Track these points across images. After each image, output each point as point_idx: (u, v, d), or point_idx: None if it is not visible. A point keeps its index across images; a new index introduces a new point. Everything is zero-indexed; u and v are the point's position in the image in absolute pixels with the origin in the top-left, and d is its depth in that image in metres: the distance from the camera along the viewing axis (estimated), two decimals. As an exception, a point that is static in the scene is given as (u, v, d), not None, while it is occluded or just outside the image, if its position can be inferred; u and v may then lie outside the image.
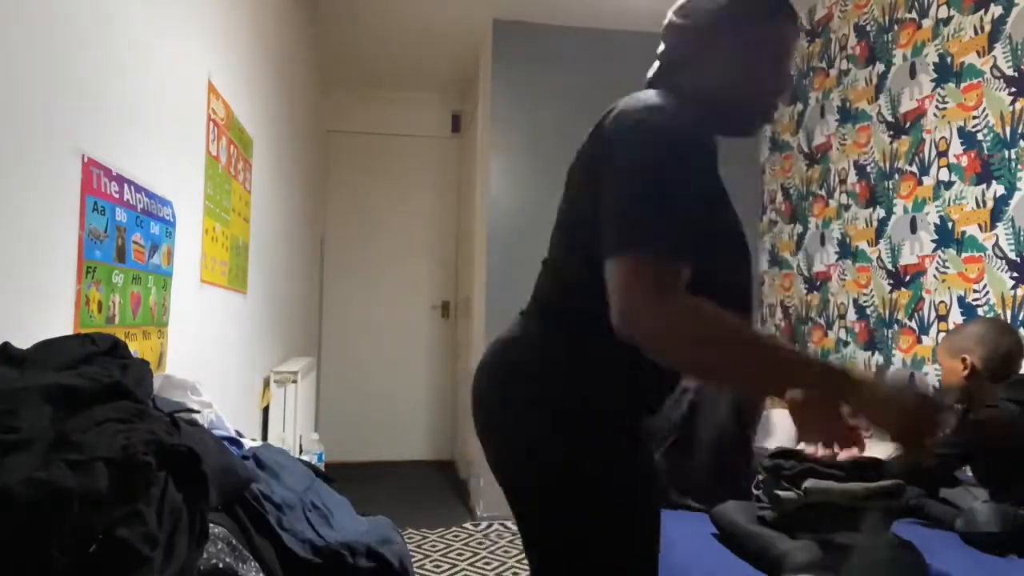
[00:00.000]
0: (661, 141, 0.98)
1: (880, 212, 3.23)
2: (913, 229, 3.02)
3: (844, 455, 1.10)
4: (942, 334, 2.83)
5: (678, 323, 0.90)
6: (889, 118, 3.19)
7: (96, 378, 1.00)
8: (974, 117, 2.71)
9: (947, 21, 2.87)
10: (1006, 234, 2.55)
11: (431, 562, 3.14)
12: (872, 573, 1.52)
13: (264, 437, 2.98)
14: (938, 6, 2.92)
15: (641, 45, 4.17)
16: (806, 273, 3.79)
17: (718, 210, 1.08)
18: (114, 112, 1.46)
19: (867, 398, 0.91)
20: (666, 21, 1.18)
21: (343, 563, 1.35)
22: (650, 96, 1.04)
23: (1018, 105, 2.52)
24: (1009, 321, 2.48)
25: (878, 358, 3.22)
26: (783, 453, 1.81)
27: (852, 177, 3.44)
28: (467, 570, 3.06)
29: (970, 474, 2.13)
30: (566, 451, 1.05)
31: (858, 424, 0.92)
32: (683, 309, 0.90)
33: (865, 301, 3.32)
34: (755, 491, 1.85)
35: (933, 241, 2.90)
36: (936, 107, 2.91)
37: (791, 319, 3.91)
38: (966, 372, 2.02)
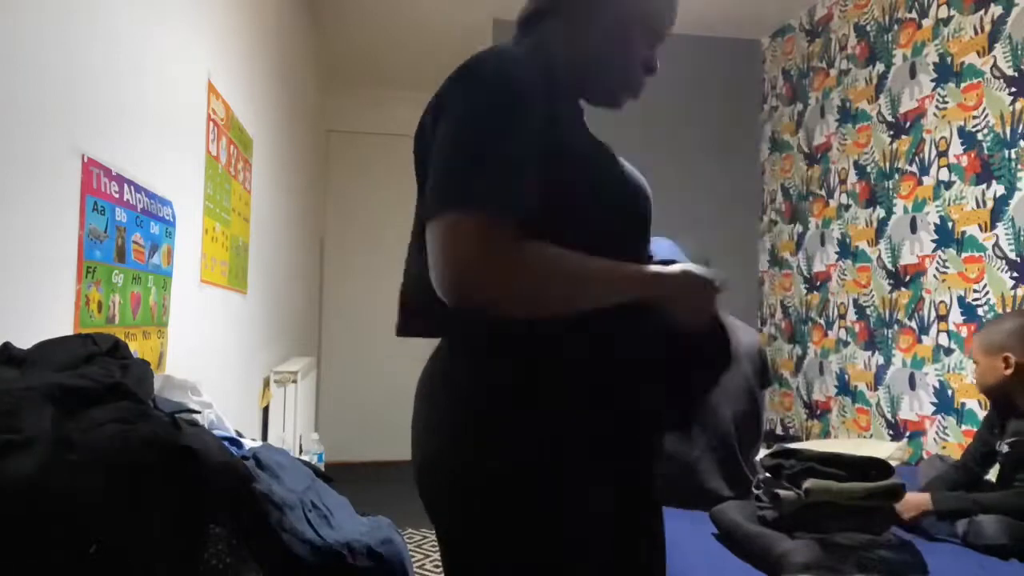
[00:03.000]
0: (485, 88, 0.89)
1: (880, 212, 3.23)
2: (913, 229, 3.02)
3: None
4: (942, 334, 2.83)
5: (510, 278, 0.84)
6: (889, 118, 3.19)
7: (97, 378, 1.00)
8: (974, 117, 2.71)
9: (947, 21, 2.87)
10: (1006, 234, 2.55)
11: (431, 562, 3.14)
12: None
13: (264, 437, 2.98)
14: (938, 6, 2.92)
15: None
16: (806, 273, 3.79)
17: (593, 165, 0.99)
18: (114, 112, 1.46)
19: (658, 291, 0.95)
20: None
21: (343, 563, 1.35)
22: (493, 49, 0.95)
23: (1018, 105, 2.52)
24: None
25: (878, 358, 3.22)
26: (783, 453, 1.81)
27: (852, 177, 3.44)
28: (467, 570, 3.06)
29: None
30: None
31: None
32: (510, 263, 0.83)
33: (865, 301, 3.32)
34: (755, 491, 1.85)
35: (933, 241, 2.90)
36: (936, 107, 2.91)
37: (791, 319, 3.91)
38: (1010, 370, 1.93)
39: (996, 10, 2.63)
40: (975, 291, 2.68)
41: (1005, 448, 1.98)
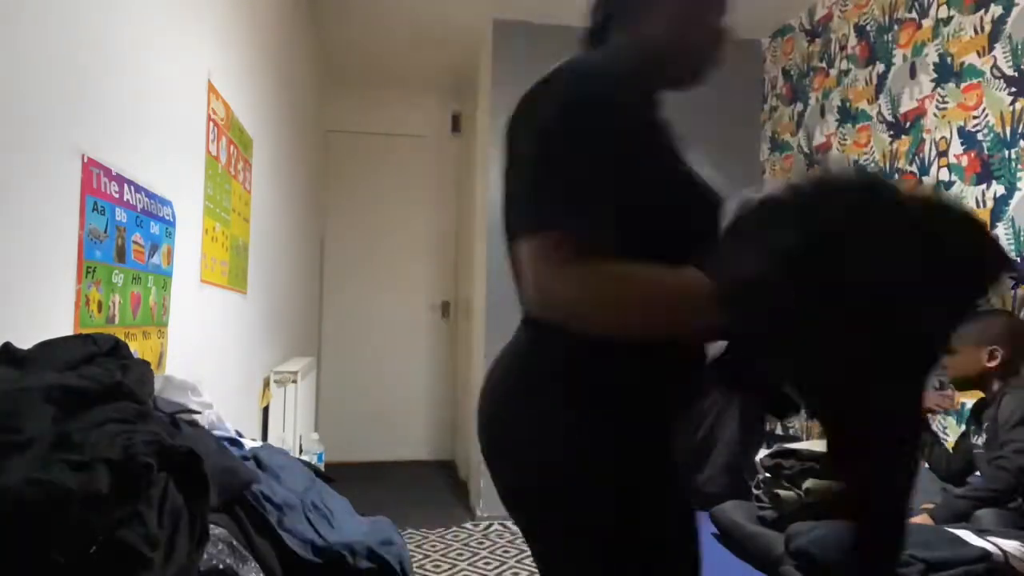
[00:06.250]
0: (571, 102, 0.93)
1: (880, 212, 3.23)
2: (913, 229, 3.02)
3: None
4: (942, 334, 2.83)
5: (583, 289, 0.85)
6: (889, 118, 3.19)
7: (97, 379, 1.00)
8: (974, 117, 2.71)
9: (947, 21, 2.87)
10: (1006, 234, 2.55)
11: (431, 562, 3.14)
12: None
13: (264, 437, 2.98)
14: (938, 6, 2.92)
15: (641, 45, 4.17)
16: (806, 273, 3.78)
17: (664, 166, 1.01)
18: (114, 112, 1.46)
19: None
20: None
21: (343, 564, 1.35)
22: (571, 58, 1.00)
23: (1018, 105, 2.52)
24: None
25: (878, 358, 3.21)
26: (783, 453, 1.81)
27: (852, 177, 3.44)
28: (467, 570, 3.06)
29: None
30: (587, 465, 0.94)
31: None
32: (581, 281, 0.85)
33: (865, 301, 3.32)
34: (755, 491, 1.85)
35: (933, 241, 2.90)
36: (936, 107, 2.91)
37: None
38: (994, 363, 1.99)
39: (996, 10, 2.63)
40: (975, 291, 2.68)
41: (982, 440, 2.01)
